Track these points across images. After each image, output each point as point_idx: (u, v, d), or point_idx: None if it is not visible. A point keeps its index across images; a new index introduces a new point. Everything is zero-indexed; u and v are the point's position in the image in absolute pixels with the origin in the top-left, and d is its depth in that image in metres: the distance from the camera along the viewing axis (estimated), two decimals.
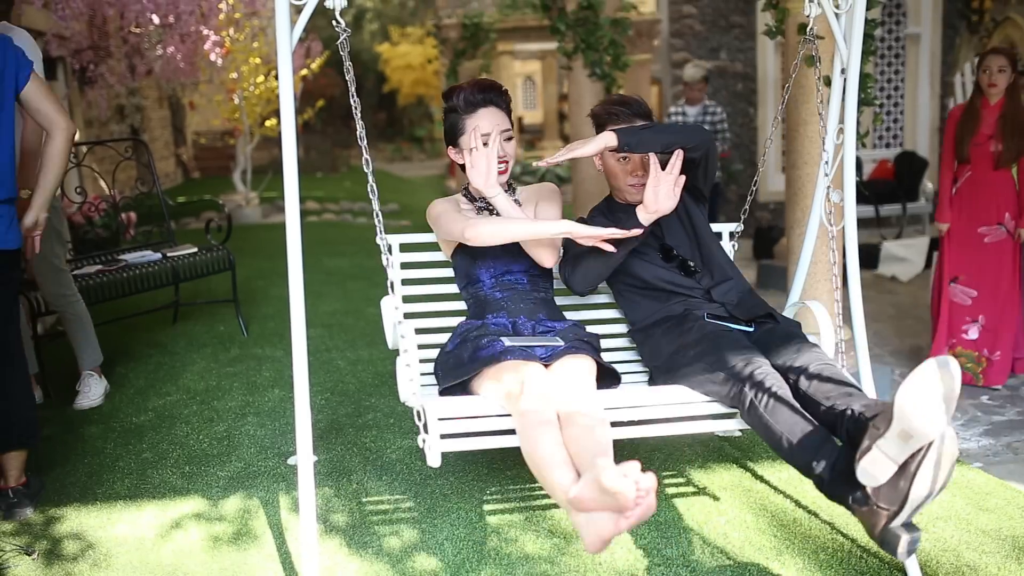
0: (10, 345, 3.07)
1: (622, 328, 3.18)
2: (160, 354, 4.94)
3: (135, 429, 3.85)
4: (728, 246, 3.26)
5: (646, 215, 2.73)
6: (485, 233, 2.73)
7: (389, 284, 2.72)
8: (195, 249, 5.29)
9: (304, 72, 12.15)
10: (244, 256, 7.19)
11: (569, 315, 3.07)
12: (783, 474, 3.33)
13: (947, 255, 4.73)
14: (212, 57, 10.40)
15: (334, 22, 2.44)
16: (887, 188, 9.36)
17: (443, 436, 2.40)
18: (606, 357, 2.96)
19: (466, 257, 2.97)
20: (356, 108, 2.56)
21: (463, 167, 2.94)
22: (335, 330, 5.39)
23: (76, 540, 2.95)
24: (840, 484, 2.23)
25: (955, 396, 2.01)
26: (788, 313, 3.10)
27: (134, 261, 4.99)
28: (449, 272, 3.11)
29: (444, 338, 3.00)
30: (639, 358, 3.08)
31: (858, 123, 4.33)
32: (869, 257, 7.88)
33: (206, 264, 5.24)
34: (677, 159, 2.70)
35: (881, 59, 10.46)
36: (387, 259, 2.73)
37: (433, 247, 3.15)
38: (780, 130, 3.27)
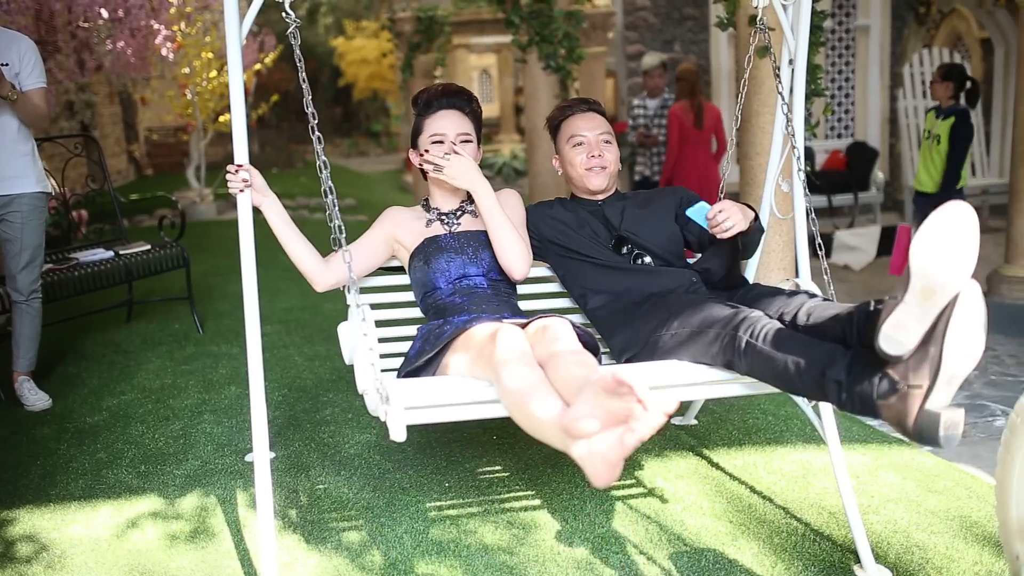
0: None
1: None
2: (114, 353, 4.88)
3: (89, 429, 3.81)
4: None
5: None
6: None
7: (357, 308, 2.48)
8: (148, 246, 5.23)
9: (258, 67, 12.03)
10: (199, 253, 7.11)
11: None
12: (738, 461, 3.38)
13: None
14: (163, 52, 10.26)
15: (284, 14, 2.40)
16: (839, 178, 9.52)
17: (407, 408, 2.23)
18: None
19: (421, 264, 2.86)
20: (307, 94, 2.38)
21: (423, 172, 2.90)
22: (292, 326, 5.35)
23: (30, 542, 2.91)
24: (861, 382, 1.98)
25: (976, 242, 1.81)
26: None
27: (86, 260, 4.92)
28: (407, 296, 3.06)
29: (405, 346, 2.90)
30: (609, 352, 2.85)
31: (809, 113, 4.41)
32: (822, 246, 8.02)
33: (160, 261, 5.18)
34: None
35: (832, 51, 10.61)
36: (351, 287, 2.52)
37: (393, 271, 3.05)
38: (735, 123, 3.30)
